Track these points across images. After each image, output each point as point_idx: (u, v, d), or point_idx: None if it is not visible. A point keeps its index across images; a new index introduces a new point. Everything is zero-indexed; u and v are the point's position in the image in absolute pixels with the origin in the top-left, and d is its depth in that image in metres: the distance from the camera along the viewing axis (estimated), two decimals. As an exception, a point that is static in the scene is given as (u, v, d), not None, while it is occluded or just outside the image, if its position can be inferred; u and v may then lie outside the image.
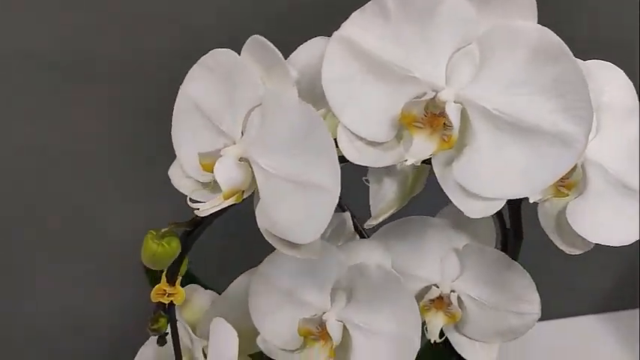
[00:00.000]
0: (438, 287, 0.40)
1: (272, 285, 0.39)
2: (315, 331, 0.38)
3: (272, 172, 0.27)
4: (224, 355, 0.35)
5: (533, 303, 0.39)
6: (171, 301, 0.34)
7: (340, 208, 0.44)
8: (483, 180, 0.27)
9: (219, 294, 0.42)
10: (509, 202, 0.35)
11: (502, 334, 0.41)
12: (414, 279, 0.40)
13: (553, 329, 0.95)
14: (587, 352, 0.91)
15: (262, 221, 0.29)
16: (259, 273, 0.39)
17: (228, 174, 0.28)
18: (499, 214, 0.37)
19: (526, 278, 0.39)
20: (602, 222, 0.31)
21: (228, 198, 0.28)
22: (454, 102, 0.28)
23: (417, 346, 0.36)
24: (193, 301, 0.43)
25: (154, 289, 0.33)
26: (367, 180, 0.38)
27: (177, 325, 0.37)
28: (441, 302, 0.41)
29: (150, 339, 0.42)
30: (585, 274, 0.94)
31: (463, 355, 0.43)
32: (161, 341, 0.38)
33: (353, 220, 0.43)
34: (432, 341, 0.41)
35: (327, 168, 0.26)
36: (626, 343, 0.91)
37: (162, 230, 0.31)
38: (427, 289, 0.41)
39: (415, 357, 0.35)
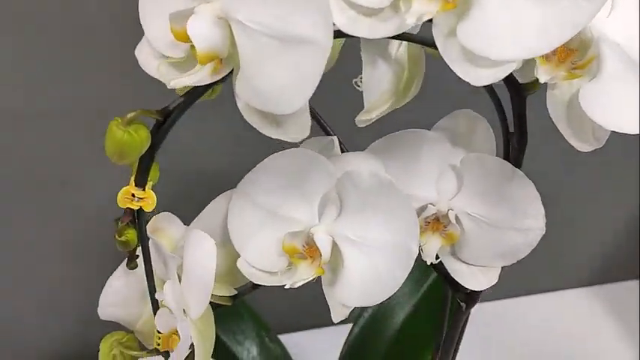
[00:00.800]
0: (434, 206, 0.37)
1: (253, 203, 0.35)
2: (301, 249, 0.34)
3: (254, 28, 0.24)
4: (201, 266, 0.31)
5: (537, 217, 0.36)
6: (141, 209, 0.31)
7: (325, 131, 0.41)
8: (493, 38, 0.24)
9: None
10: (514, 98, 0.32)
11: (503, 255, 0.38)
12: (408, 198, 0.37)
13: (546, 302, 0.94)
14: (580, 325, 0.90)
15: (243, 93, 0.25)
16: (239, 191, 0.36)
17: (203, 31, 0.25)
18: (502, 117, 0.34)
19: (530, 189, 0.35)
20: (616, 106, 0.29)
21: (205, 63, 0.25)
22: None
23: (414, 253, 0.33)
24: (169, 232, 0.39)
25: (121, 192, 0.30)
26: (358, 83, 0.35)
27: (149, 244, 0.33)
28: (437, 223, 0.38)
29: (118, 270, 0.38)
30: (579, 245, 0.93)
31: (462, 283, 0.40)
32: (131, 264, 0.35)
33: (340, 145, 0.39)
34: (429, 263, 0.38)
35: (317, 17, 0.23)
36: (622, 315, 0.90)
37: (129, 116, 0.27)
38: (422, 208, 0.38)
39: (413, 260, 0.32)
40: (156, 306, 0.35)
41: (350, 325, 0.66)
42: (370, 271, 0.33)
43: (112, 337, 0.38)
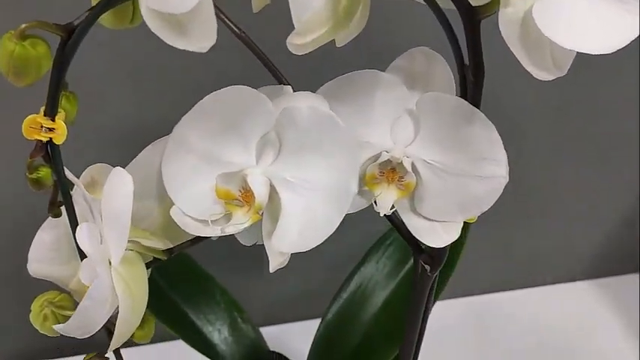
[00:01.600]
0: (388, 153, 0.34)
1: (188, 146, 0.33)
2: (236, 195, 0.31)
3: None
4: (118, 203, 0.28)
5: (499, 163, 0.33)
6: (54, 144, 0.28)
7: (278, 80, 0.38)
8: None
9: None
10: (466, 24, 0.29)
11: (465, 206, 0.35)
12: (361, 146, 0.34)
13: (546, 295, 0.91)
14: (580, 319, 0.87)
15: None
16: (173, 135, 0.33)
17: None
18: (455, 47, 0.31)
19: (491, 132, 0.32)
20: (577, 20, 0.25)
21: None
22: None
23: (352, 193, 0.29)
24: (104, 183, 0.36)
25: (26, 120, 0.27)
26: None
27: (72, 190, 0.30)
28: (392, 173, 0.35)
29: (46, 222, 0.35)
30: (579, 238, 0.90)
31: (423, 240, 0.36)
32: (53, 210, 0.32)
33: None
34: (382, 214, 0.34)
35: None
36: (622, 309, 0.87)
37: (23, 26, 0.24)
38: (376, 157, 0.35)
39: (350, 202, 0.29)
40: (83, 257, 0.32)
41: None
42: (307, 215, 0.30)
43: (44, 296, 0.36)
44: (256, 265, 0.81)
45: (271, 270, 0.31)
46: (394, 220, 0.38)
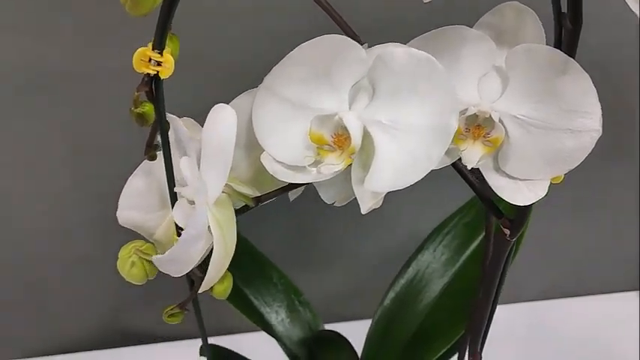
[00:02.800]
0: (475, 107, 0.34)
1: (279, 96, 0.33)
2: (329, 140, 0.32)
3: None
4: (220, 135, 0.29)
5: (592, 116, 0.32)
6: (158, 81, 0.29)
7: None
8: None
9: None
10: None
11: (553, 162, 0.34)
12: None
13: (594, 304, 0.89)
14: (628, 328, 0.85)
15: None
16: (264, 86, 0.34)
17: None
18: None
19: (585, 82, 0.32)
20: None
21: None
22: None
23: (453, 129, 0.29)
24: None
25: (137, 53, 0.28)
26: None
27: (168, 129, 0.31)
28: (478, 129, 0.35)
29: (138, 169, 0.36)
30: (628, 248, 0.88)
31: (507, 199, 0.36)
32: (150, 152, 0.33)
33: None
34: (469, 168, 0.34)
35: None
36: None
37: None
38: (462, 112, 0.34)
39: (451, 138, 0.29)
40: (174, 201, 0.33)
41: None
42: (404, 156, 0.30)
43: (131, 244, 0.36)
44: (304, 267, 0.82)
45: (364, 212, 0.31)
46: (472, 182, 0.38)
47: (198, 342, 0.46)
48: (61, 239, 0.74)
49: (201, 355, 0.51)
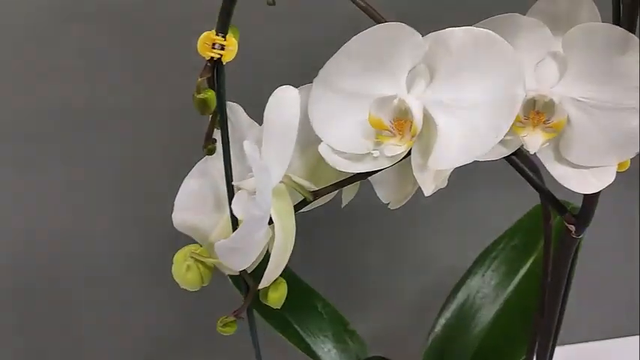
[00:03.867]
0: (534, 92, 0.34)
1: (335, 88, 0.33)
2: (388, 125, 0.31)
3: None
4: (284, 114, 0.28)
5: (658, 91, 0.32)
6: (220, 67, 0.29)
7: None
8: None
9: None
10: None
11: (619, 145, 0.33)
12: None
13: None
14: None
15: None
16: (320, 79, 0.34)
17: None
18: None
19: (647, 57, 0.31)
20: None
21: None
22: None
23: (520, 98, 0.29)
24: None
25: (202, 37, 0.28)
26: None
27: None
28: (537, 116, 0.34)
29: (194, 169, 0.36)
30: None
31: (571, 188, 0.35)
32: (209, 146, 0.32)
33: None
34: (532, 152, 0.33)
35: None
36: None
37: None
38: (521, 99, 0.34)
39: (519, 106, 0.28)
40: (232, 196, 0.33)
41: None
42: (468, 132, 0.29)
43: (187, 248, 0.36)
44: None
45: (428, 194, 0.30)
46: (531, 177, 0.37)
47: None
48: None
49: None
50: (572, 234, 0.38)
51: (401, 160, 0.32)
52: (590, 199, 0.37)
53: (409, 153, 0.32)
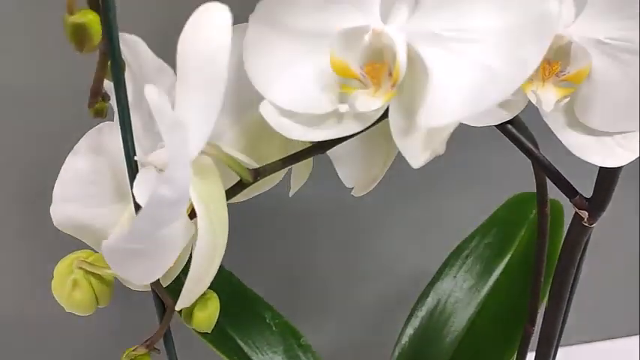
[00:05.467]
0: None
1: (282, 27, 0.24)
2: (356, 71, 0.22)
3: None
4: (207, 48, 0.19)
5: None
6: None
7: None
8: None
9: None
10: None
11: (654, 101, 0.25)
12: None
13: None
14: None
15: None
16: (257, 17, 0.24)
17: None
18: None
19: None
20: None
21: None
22: None
23: (555, 12, 0.20)
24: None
25: None
26: None
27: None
28: (549, 66, 0.26)
29: (80, 144, 0.25)
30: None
31: (592, 160, 0.27)
32: (98, 105, 0.22)
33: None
34: (548, 110, 0.25)
35: None
36: None
37: None
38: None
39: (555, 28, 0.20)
40: (134, 177, 0.23)
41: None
42: (477, 73, 0.20)
43: (72, 256, 0.26)
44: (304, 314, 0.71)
45: (417, 166, 0.21)
46: (531, 150, 0.29)
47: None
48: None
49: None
50: (584, 221, 0.30)
51: (371, 125, 0.23)
52: (609, 178, 0.29)
53: (382, 117, 0.23)
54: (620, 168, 0.28)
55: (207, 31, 0.19)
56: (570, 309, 0.35)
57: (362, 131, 0.23)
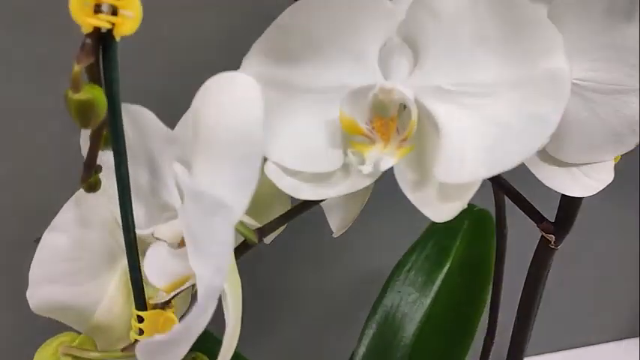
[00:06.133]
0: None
1: (274, 83, 0.23)
2: (365, 129, 0.22)
3: None
4: (237, 116, 0.18)
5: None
6: (111, 32, 0.17)
7: None
8: None
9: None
10: None
11: (620, 137, 0.27)
12: None
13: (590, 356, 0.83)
14: None
15: None
16: (245, 70, 0.23)
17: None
18: None
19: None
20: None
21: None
22: None
23: (566, 74, 0.21)
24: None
25: (76, -4, 0.16)
26: None
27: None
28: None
29: (63, 214, 0.23)
30: (624, 297, 0.84)
31: (561, 190, 0.28)
32: (92, 179, 0.20)
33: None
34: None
35: None
36: None
37: None
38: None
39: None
40: (133, 250, 0.21)
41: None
42: (487, 130, 0.21)
43: (55, 340, 0.23)
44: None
45: (439, 220, 0.21)
46: (499, 181, 0.30)
47: None
48: None
49: None
50: (551, 244, 0.32)
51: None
52: (573, 202, 0.31)
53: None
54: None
55: (240, 104, 0.18)
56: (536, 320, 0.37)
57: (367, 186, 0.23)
